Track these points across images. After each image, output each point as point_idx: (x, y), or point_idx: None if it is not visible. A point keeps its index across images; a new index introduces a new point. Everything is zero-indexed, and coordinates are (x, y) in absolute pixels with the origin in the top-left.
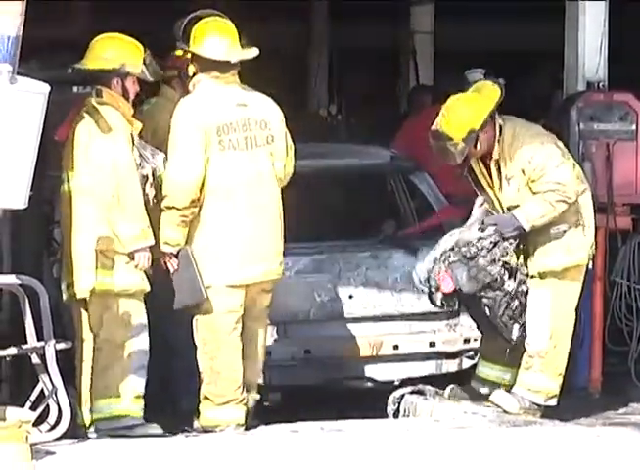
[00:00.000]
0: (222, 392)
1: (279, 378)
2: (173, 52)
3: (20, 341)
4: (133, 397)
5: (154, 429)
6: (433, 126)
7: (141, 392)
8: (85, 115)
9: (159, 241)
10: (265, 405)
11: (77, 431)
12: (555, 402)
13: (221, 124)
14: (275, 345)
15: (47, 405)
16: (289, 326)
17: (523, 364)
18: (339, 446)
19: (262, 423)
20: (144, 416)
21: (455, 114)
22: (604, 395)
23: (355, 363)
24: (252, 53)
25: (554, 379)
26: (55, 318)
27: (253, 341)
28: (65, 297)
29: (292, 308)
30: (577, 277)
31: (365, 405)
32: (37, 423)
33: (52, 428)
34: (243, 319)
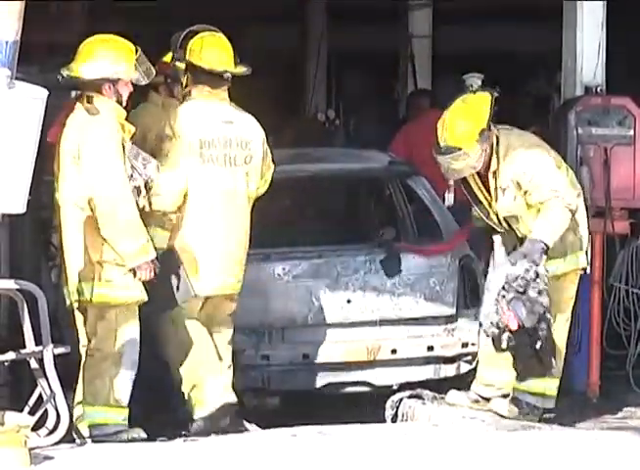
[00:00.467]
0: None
1: (277, 383)
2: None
3: (18, 345)
4: (116, 406)
5: (137, 433)
6: (436, 146)
7: (125, 402)
8: (75, 122)
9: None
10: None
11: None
12: (553, 404)
13: (204, 139)
14: (273, 349)
15: (45, 410)
16: (287, 331)
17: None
18: (337, 451)
19: (261, 427)
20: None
21: (457, 123)
22: (602, 399)
23: (353, 368)
24: (246, 70)
25: (551, 381)
26: (53, 323)
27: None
28: (67, 302)
29: (290, 313)
30: (574, 280)
31: (363, 410)
32: (36, 428)
33: (50, 433)
34: (207, 325)
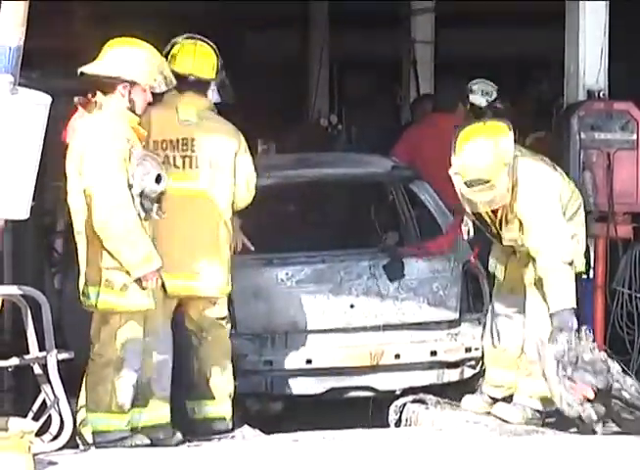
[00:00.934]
0: None
1: (280, 388)
2: None
3: (22, 351)
4: (118, 413)
5: (140, 440)
6: (458, 182)
7: (127, 408)
8: (81, 128)
9: None
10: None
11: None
12: (555, 407)
13: (160, 140)
14: (276, 354)
15: (49, 416)
16: (290, 336)
17: (522, 371)
18: (340, 456)
19: (264, 432)
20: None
21: (483, 154)
22: None
23: (357, 373)
24: (214, 78)
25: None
26: (57, 329)
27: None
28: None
29: (293, 318)
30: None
31: (367, 415)
32: (40, 433)
33: (54, 438)
34: (195, 330)
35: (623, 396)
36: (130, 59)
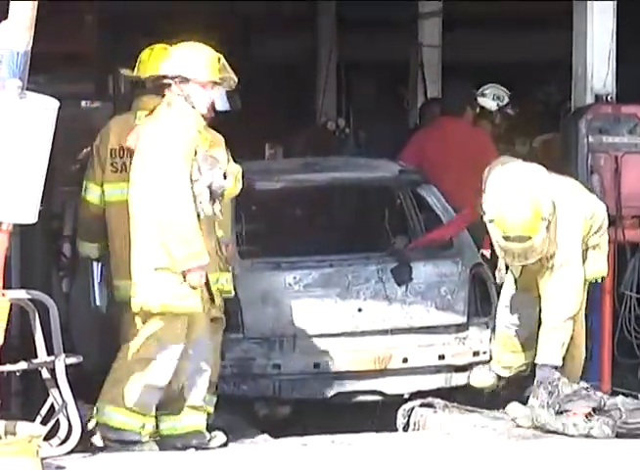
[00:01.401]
0: None
1: (288, 391)
2: None
3: (30, 355)
4: (138, 413)
5: (149, 447)
6: (494, 231)
7: (148, 411)
8: (151, 124)
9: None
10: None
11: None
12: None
13: (116, 147)
14: (284, 358)
15: (57, 420)
16: (298, 340)
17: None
18: (349, 460)
19: (272, 436)
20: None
21: (522, 211)
22: None
23: (364, 377)
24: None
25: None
26: (64, 333)
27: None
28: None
29: (301, 322)
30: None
31: (375, 419)
32: (48, 437)
33: (62, 442)
34: None
35: (619, 408)
36: (181, 56)
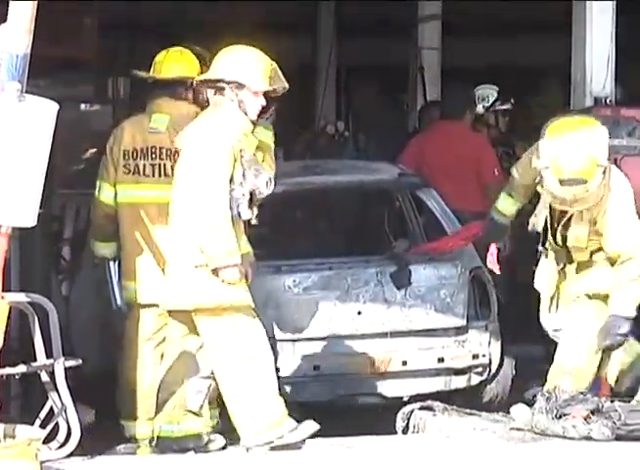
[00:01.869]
0: None
1: (288, 394)
2: None
3: (29, 358)
4: (195, 414)
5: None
6: (549, 177)
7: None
8: (197, 125)
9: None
10: None
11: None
12: None
13: (129, 149)
14: (284, 361)
15: (56, 423)
16: (297, 343)
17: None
18: (348, 463)
19: None
20: None
21: (581, 154)
22: None
23: (364, 379)
24: (177, 74)
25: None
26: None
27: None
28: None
29: (300, 325)
30: None
31: (374, 422)
32: (47, 441)
33: (61, 446)
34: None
35: (617, 410)
36: (236, 61)
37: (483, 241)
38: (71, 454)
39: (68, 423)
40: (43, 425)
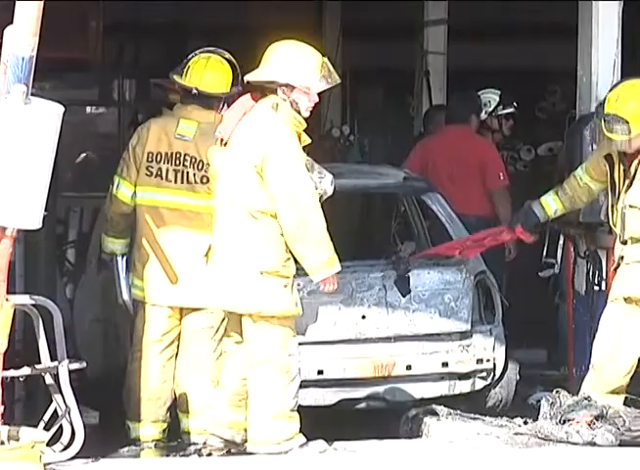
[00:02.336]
0: None
1: None
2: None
3: (33, 361)
4: (293, 417)
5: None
6: (607, 110)
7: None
8: (258, 128)
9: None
10: None
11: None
12: None
13: (154, 152)
14: None
15: (60, 425)
16: (301, 347)
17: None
18: (352, 467)
19: None
20: None
21: (632, 98)
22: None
23: (368, 384)
24: (226, 92)
25: (601, 395)
26: (68, 338)
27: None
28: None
29: (304, 329)
30: None
31: (378, 426)
32: (51, 443)
33: (65, 448)
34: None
35: (621, 415)
36: (288, 61)
37: (511, 223)
38: (75, 457)
39: (71, 425)
40: (47, 427)
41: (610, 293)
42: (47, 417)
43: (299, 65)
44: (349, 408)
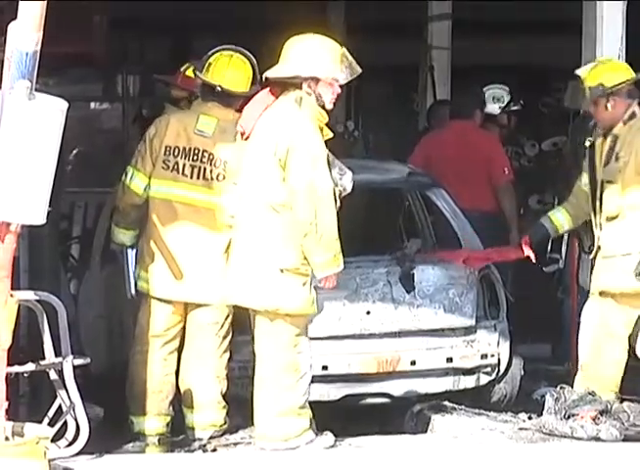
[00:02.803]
0: None
1: None
2: (181, 71)
3: (37, 357)
4: (304, 414)
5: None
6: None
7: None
8: (282, 122)
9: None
10: None
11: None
12: None
13: (172, 146)
14: None
15: (65, 421)
16: None
17: None
18: (357, 463)
19: None
20: None
21: (600, 65)
22: None
23: (373, 379)
24: (245, 92)
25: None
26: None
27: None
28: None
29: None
30: (633, 303)
31: (383, 421)
32: (55, 439)
33: (70, 444)
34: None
35: (626, 411)
36: (310, 54)
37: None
38: (80, 453)
39: (76, 421)
40: (51, 423)
41: (591, 286)
42: (51, 413)
43: (322, 57)
44: (354, 404)
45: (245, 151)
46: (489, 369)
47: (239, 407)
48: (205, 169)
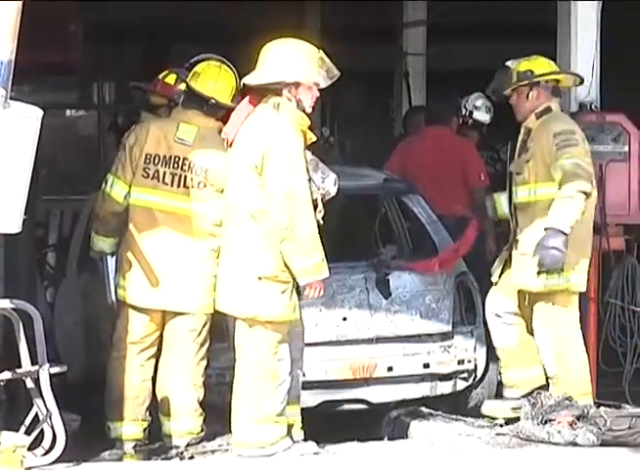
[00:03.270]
0: None
1: None
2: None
3: (13, 365)
4: (281, 422)
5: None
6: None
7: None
8: (258, 128)
9: None
10: None
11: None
12: None
13: (152, 154)
14: None
15: (42, 430)
16: None
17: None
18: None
19: None
20: None
21: (533, 58)
22: None
23: (350, 385)
24: (231, 105)
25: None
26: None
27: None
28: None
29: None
30: (569, 300)
31: (360, 428)
32: (32, 447)
33: (47, 452)
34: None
35: (602, 416)
36: (289, 59)
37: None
38: (57, 461)
39: (53, 429)
40: (28, 432)
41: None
42: (28, 421)
43: (302, 62)
44: (331, 410)
45: (230, 159)
46: (466, 375)
47: (216, 415)
48: (185, 177)
